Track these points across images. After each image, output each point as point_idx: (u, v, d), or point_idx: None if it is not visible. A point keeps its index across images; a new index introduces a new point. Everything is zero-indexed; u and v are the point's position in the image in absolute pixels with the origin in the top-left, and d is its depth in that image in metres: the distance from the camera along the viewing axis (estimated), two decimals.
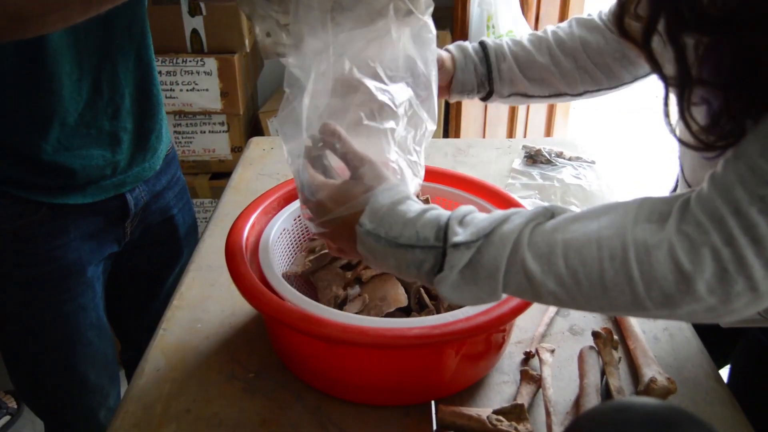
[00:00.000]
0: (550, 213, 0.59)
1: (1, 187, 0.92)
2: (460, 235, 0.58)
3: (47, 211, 0.95)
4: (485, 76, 0.91)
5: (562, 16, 2.44)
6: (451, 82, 0.91)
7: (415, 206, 0.63)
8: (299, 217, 0.95)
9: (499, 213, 0.60)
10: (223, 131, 2.22)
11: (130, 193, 1.05)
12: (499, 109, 2.53)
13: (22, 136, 0.89)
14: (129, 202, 1.05)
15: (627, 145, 3.43)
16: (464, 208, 0.62)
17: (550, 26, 0.93)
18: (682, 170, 0.86)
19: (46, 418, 1.21)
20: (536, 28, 2.40)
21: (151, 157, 1.06)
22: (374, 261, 0.64)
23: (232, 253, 0.80)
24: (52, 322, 1.04)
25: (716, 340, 0.95)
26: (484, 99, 0.93)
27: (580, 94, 0.92)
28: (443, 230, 0.59)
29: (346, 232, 0.65)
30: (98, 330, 1.10)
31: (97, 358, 1.12)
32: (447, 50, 0.91)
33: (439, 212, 0.62)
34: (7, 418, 1.89)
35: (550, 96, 0.92)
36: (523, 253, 0.56)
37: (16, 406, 1.93)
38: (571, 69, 0.89)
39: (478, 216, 0.61)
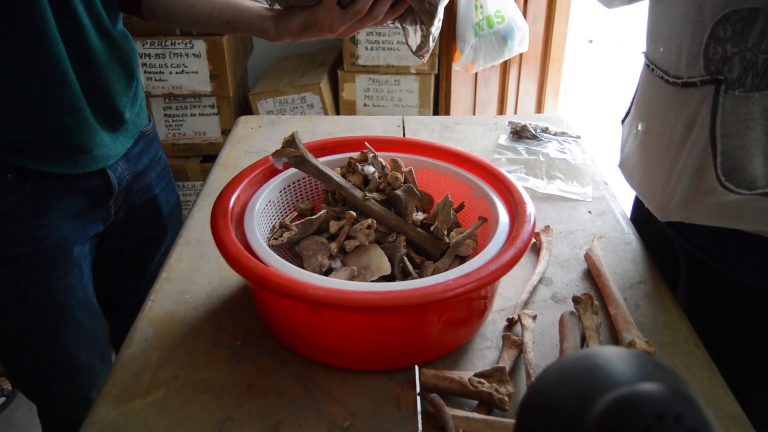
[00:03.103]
0: None
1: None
2: None
3: (31, 189, 0.94)
4: None
5: None
6: None
7: None
8: (284, 189, 0.97)
9: None
10: (213, 114, 2.23)
11: (112, 172, 1.05)
12: (488, 89, 2.54)
13: (31, 95, 0.88)
14: (112, 181, 1.05)
15: (612, 120, 3.45)
16: None
17: None
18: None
19: (37, 400, 1.21)
20: (525, 7, 2.41)
21: (121, 122, 1.05)
22: None
23: (217, 222, 0.81)
24: (39, 303, 1.03)
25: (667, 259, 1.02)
26: None
27: None
28: None
29: None
30: (87, 310, 1.10)
31: (88, 339, 1.12)
32: None
33: None
34: (2, 399, 1.90)
35: None
36: None
37: (11, 388, 1.94)
38: None
39: None
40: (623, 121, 1.07)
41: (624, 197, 1.21)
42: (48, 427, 1.25)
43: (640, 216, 1.10)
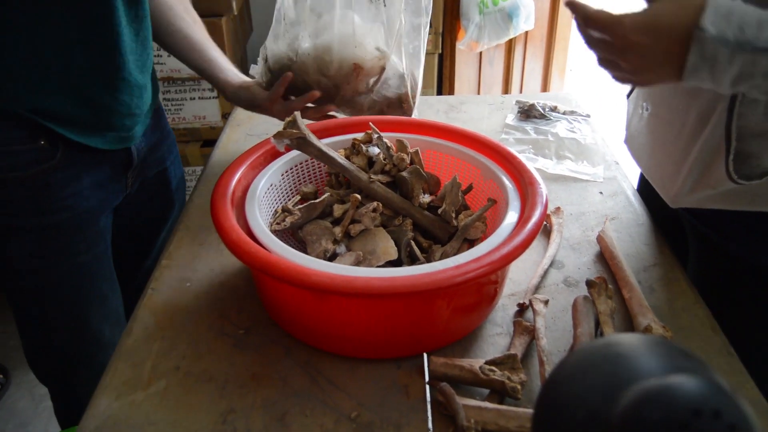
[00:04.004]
0: None
1: (36, 118, 0.91)
2: None
3: (62, 157, 0.95)
4: None
5: None
6: None
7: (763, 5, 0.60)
8: (286, 172, 0.94)
9: None
10: (213, 97, 2.20)
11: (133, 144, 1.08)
12: (493, 68, 2.51)
13: (81, 71, 0.91)
14: (133, 152, 1.08)
15: (619, 99, 3.41)
16: None
17: None
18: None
19: (53, 381, 1.21)
20: None
21: (145, 109, 1.09)
22: (709, 71, 0.62)
23: (217, 207, 0.79)
24: (67, 274, 1.04)
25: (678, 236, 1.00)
26: None
27: None
28: None
29: (665, 49, 0.63)
30: (111, 283, 1.12)
31: (110, 314, 1.12)
32: None
33: None
34: None
35: None
36: None
37: (3, 376, 1.93)
38: None
39: None
40: (629, 95, 1.03)
41: (635, 176, 1.18)
42: (63, 411, 1.25)
43: (646, 189, 1.07)
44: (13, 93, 0.89)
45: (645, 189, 1.09)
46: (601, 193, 1.13)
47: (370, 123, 0.96)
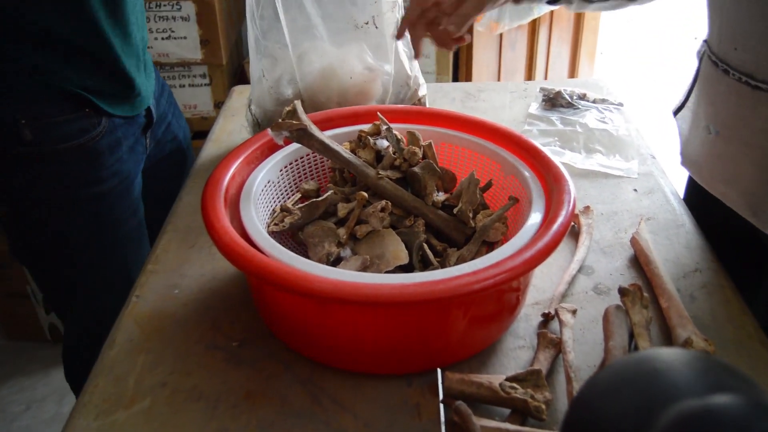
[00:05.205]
0: None
1: (81, 93, 1.05)
2: None
3: (106, 123, 1.09)
4: None
5: None
6: None
7: None
8: (286, 167, 0.94)
9: None
10: (205, 84, 2.21)
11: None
12: (515, 51, 2.50)
13: (104, 44, 1.05)
14: (152, 110, 1.21)
15: (657, 86, 3.38)
16: None
17: None
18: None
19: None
20: None
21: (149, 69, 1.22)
22: None
23: (209, 206, 0.79)
24: (118, 242, 1.17)
25: (745, 270, 0.98)
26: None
27: None
28: None
29: None
30: (148, 250, 1.18)
31: None
32: None
33: None
34: None
35: None
36: None
37: None
38: None
39: None
40: (675, 113, 1.02)
41: (675, 173, 1.18)
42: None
43: (697, 196, 1.06)
44: (66, 75, 1.03)
45: (694, 196, 1.08)
46: (635, 190, 1.12)
47: (378, 113, 0.96)
